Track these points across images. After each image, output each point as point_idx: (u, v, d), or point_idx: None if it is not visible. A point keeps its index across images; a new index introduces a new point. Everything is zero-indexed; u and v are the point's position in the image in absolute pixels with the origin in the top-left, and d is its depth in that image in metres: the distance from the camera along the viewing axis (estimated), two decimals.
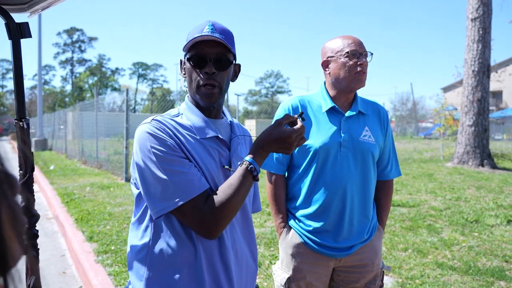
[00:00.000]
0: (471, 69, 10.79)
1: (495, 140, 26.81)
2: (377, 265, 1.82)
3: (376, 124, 1.82)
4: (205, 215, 1.08)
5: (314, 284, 1.76)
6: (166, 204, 1.08)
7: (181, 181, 1.09)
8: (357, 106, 1.79)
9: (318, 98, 1.81)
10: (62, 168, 11.50)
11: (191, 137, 1.17)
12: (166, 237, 1.14)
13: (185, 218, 1.11)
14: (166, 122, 1.17)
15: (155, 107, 44.09)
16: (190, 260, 1.14)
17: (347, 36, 1.77)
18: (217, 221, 1.09)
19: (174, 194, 1.08)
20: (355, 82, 1.71)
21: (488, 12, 10.65)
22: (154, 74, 72.72)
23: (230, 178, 1.14)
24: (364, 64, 1.71)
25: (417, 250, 4.07)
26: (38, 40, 21.79)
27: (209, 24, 1.18)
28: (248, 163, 1.13)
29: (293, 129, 1.14)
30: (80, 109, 15.35)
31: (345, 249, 1.75)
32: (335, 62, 1.73)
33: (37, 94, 26.29)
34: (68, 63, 66.32)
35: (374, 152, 1.77)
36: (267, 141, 1.15)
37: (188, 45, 1.18)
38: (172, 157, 1.10)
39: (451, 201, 6.41)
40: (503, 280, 3.37)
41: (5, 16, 1.45)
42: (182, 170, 1.10)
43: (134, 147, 1.16)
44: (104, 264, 3.74)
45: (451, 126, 14.47)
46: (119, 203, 6.31)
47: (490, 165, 10.43)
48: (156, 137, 1.12)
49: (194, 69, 1.19)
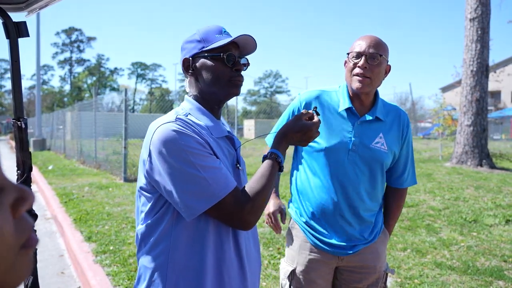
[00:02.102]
0: (469, 69, 10.80)
1: (493, 140, 26.83)
2: (380, 267, 1.81)
3: (393, 131, 1.77)
4: (245, 205, 1.12)
5: (317, 281, 1.77)
6: (206, 202, 1.08)
7: (218, 176, 1.10)
8: (375, 111, 1.73)
9: (338, 95, 1.77)
10: (60, 168, 11.48)
11: (209, 135, 1.18)
12: (187, 241, 1.14)
13: (224, 212, 1.11)
14: (188, 121, 1.17)
15: (154, 107, 44.09)
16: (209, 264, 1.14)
17: (364, 36, 1.71)
18: (255, 210, 1.14)
19: (214, 190, 1.09)
20: (354, 84, 1.66)
21: (486, 12, 10.66)
22: (153, 74, 72.70)
23: (260, 169, 1.21)
24: (363, 66, 1.63)
25: (416, 250, 4.07)
26: (36, 40, 21.76)
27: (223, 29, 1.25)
28: (276, 155, 1.22)
29: (313, 123, 1.26)
30: (78, 109, 15.33)
31: (347, 248, 1.74)
32: (348, 62, 1.72)
33: (35, 94, 26.24)
34: (66, 63, 66.22)
35: (385, 161, 1.73)
36: (290, 134, 1.26)
37: (221, 45, 1.20)
38: (205, 153, 1.11)
39: (450, 201, 6.41)
40: (501, 279, 3.38)
41: (2, 15, 1.45)
42: (216, 165, 1.12)
43: (156, 148, 1.11)
44: (103, 264, 3.74)
45: (450, 126, 14.48)
46: (117, 203, 6.30)
47: (488, 165, 10.44)
48: (186, 134, 1.11)
49: (225, 67, 1.22)
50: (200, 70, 1.23)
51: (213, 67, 1.22)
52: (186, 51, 1.25)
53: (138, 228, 1.21)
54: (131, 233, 4.66)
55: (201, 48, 1.22)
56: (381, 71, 1.67)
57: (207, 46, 1.21)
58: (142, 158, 1.17)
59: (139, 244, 1.21)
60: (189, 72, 1.25)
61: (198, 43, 1.23)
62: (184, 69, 1.26)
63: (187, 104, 1.26)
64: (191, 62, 1.24)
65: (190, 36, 1.26)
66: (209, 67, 1.22)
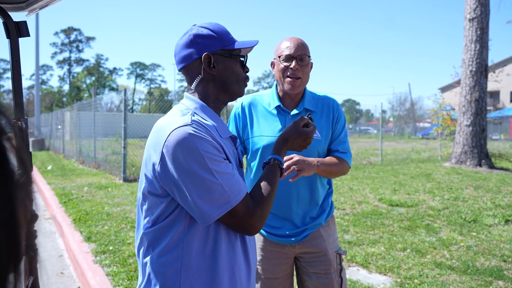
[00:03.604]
0: (469, 69, 10.81)
1: (492, 140, 26.88)
2: (331, 249, 1.88)
3: (324, 118, 1.87)
4: (255, 212, 1.13)
5: (275, 271, 1.87)
6: (221, 208, 1.08)
7: (232, 183, 1.10)
8: (303, 104, 1.85)
9: (269, 97, 1.90)
10: (59, 168, 11.47)
11: (218, 137, 1.17)
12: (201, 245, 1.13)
13: (236, 219, 1.11)
14: (203, 123, 1.14)
15: (153, 107, 44.01)
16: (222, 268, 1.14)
17: (289, 38, 1.83)
18: (263, 216, 1.16)
19: (228, 197, 1.08)
20: (287, 86, 1.78)
21: (485, 12, 10.68)
22: (152, 74, 72.67)
23: (264, 174, 1.24)
24: (295, 68, 1.75)
25: (415, 250, 4.07)
26: (35, 40, 21.75)
27: None
28: (278, 161, 1.27)
29: (310, 129, 1.34)
30: (77, 109, 15.30)
31: (296, 235, 1.83)
32: (276, 64, 1.82)
33: (34, 94, 26.22)
34: (65, 63, 66.10)
35: (321, 147, 1.83)
36: (291, 140, 1.32)
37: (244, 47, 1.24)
38: (220, 159, 1.10)
39: (449, 201, 6.42)
40: (501, 279, 3.38)
41: (3, 15, 1.44)
42: (230, 171, 1.11)
43: (171, 152, 1.07)
44: (102, 264, 3.73)
45: (449, 126, 14.49)
46: (117, 203, 6.29)
47: (487, 165, 10.46)
48: (203, 139, 1.08)
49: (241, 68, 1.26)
50: (219, 69, 1.21)
51: (234, 67, 1.23)
52: (203, 46, 1.19)
53: (145, 231, 1.17)
54: (130, 233, 4.66)
55: (222, 47, 1.20)
56: (309, 70, 1.83)
57: (227, 45, 1.21)
58: (152, 161, 1.12)
59: (147, 248, 1.17)
60: (209, 69, 1.20)
61: (217, 41, 1.20)
62: (205, 65, 1.19)
63: (190, 103, 1.22)
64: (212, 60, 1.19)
65: (201, 31, 1.20)
66: (229, 67, 1.22)
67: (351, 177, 8.90)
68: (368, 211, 5.68)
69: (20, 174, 1.21)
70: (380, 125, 15.00)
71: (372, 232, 4.71)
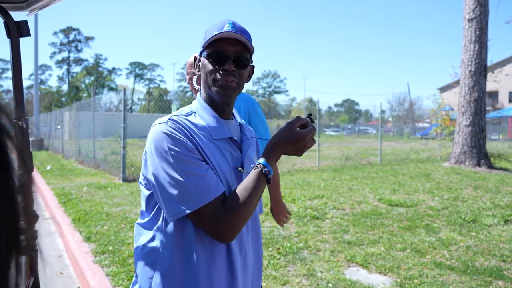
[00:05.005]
0: (468, 70, 10.83)
1: (491, 140, 26.92)
2: None
3: (241, 112, 1.93)
4: (222, 218, 1.07)
5: None
6: (183, 207, 1.06)
7: (199, 184, 1.07)
8: None
9: None
10: (59, 168, 11.45)
11: (205, 137, 1.16)
12: (177, 242, 1.12)
13: (202, 222, 1.08)
14: (182, 122, 1.14)
15: (152, 107, 43.99)
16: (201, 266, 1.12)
17: None
18: (233, 224, 1.08)
19: (192, 197, 1.06)
20: None
21: (484, 12, 10.69)
22: (151, 74, 72.66)
23: (245, 180, 1.13)
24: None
25: (415, 250, 4.08)
26: (34, 40, 21.72)
27: (230, 22, 1.17)
28: (262, 166, 1.13)
29: (307, 131, 1.15)
30: (76, 109, 15.29)
31: None
32: None
33: (33, 93, 26.17)
34: (64, 62, 66.06)
35: None
36: (282, 143, 1.16)
37: (208, 42, 1.17)
38: (190, 159, 1.09)
39: (449, 201, 6.43)
40: (501, 279, 3.38)
41: (4, 15, 1.44)
42: (199, 172, 1.08)
43: (148, 147, 1.13)
44: (102, 264, 3.73)
45: (448, 126, 14.52)
46: (116, 203, 6.29)
47: (487, 165, 10.47)
48: (174, 137, 1.09)
49: (213, 66, 1.17)
50: (200, 69, 1.23)
51: (204, 66, 1.20)
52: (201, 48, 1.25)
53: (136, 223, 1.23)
54: (130, 233, 4.65)
55: (203, 45, 1.20)
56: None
57: (205, 43, 1.19)
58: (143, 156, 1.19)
59: (135, 239, 1.22)
60: (197, 71, 1.25)
61: (203, 40, 1.21)
62: (194, 67, 1.26)
63: (195, 103, 1.26)
64: (196, 60, 1.26)
65: None
66: (204, 65, 1.21)
67: (351, 177, 8.91)
68: (367, 211, 5.68)
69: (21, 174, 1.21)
70: (379, 125, 15.01)
71: (372, 232, 4.71)
